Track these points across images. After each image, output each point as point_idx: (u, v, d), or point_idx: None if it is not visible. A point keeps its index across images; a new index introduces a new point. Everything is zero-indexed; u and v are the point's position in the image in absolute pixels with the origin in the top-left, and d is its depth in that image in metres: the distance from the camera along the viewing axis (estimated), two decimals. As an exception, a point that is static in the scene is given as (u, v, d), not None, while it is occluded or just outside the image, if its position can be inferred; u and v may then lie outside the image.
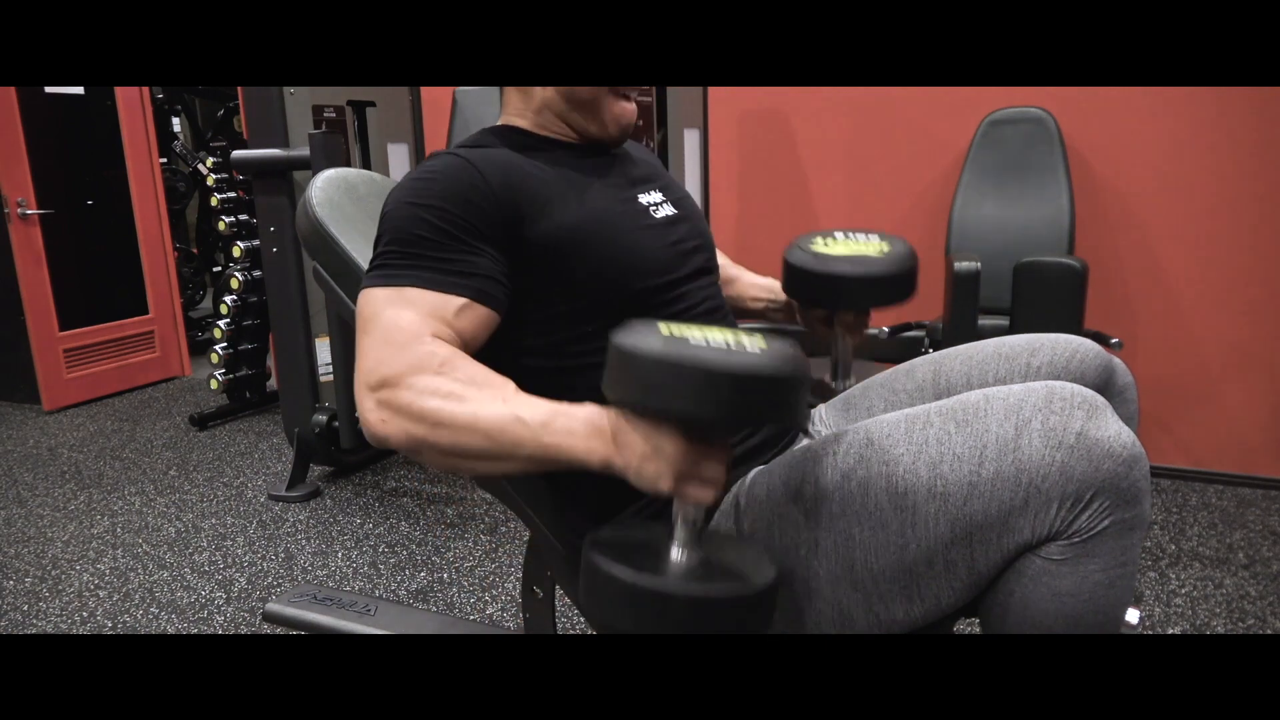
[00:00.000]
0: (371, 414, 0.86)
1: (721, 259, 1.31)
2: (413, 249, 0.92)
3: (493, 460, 0.84)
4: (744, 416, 0.80)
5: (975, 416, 0.85)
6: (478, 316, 0.92)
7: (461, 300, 0.91)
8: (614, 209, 1.02)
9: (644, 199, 1.08)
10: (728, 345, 0.75)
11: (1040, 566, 0.82)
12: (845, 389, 1.23)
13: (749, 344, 0.76)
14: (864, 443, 0.89)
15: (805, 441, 1.09)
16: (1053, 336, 1.06)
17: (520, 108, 1.08)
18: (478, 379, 0.86)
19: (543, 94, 1.05)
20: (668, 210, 1.09)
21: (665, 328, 0.79)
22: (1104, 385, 1.03)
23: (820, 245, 1.21)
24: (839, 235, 1.24)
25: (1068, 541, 0.81)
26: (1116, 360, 1.05)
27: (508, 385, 0.87)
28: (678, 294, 1.03)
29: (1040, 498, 0.80)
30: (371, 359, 0.87)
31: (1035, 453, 0.80)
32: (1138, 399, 1.07)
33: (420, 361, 0.85)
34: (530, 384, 0.89)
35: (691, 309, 1.04)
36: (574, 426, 0.82)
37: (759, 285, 1.35)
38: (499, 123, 1.10)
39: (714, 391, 0.73)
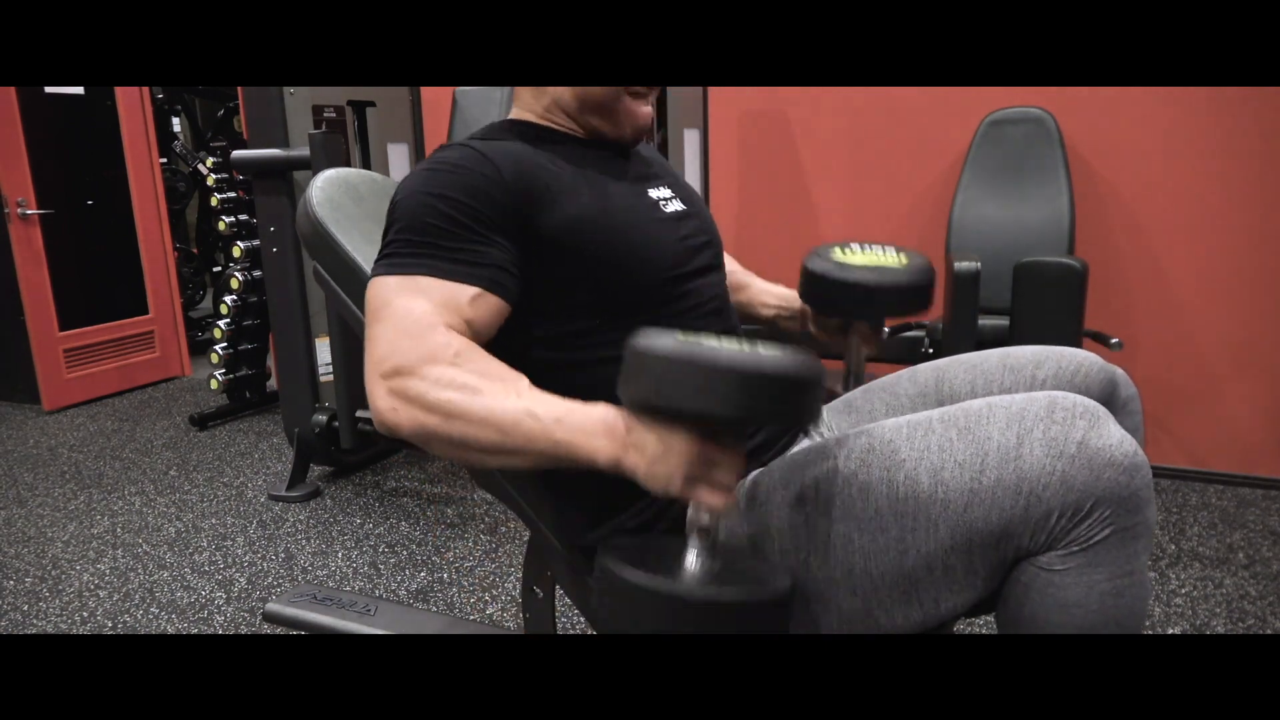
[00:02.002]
0: (382, 401, 0.85)
1: (731, 264, 1.30)
2: (425, 237, 0.91)
3: (504, 454, 0.84)
4: (758, 415, 0.78)
5: (977, 424, 0.84)
6: (489, 306, 0.92)
7: (474, 290, 0.90)
8: (625, 202, 1.02)
9: (653, 193, 1.07)
10: (742, 349, 0.75)
11: (1044, 578, 0.82)
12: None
13: (763, 348, 0.76)
14: (865, 447, 0.89)
15: (805, 443, 1.09)
16: (1058, 350, 1.06)
17: (530, 103, 1.07)
18: (492, 372, 0.86)
19: (555, 92, 1.04)
20: (677, 205, 1.08)
21: (682, 334, 0.79)
22: (1108, 398, 1.03)
23: (840, 255, 1.22)
24: (856, 246, 1.25)
25: (1065, 550, 0.81)
26: (1119, 372, 1.05)
27: (521, 380, 0.87)
28: (686, 289, 1.02)
29: (1040, 507, 0.80)
30: (384, 347, 0.87)
31: (1036, 462, 0.80)
32: (1142, 410, 1.07)
33: (434, 352, 0.85)
34: (538, 376, 0.89)
35: (699, 306, 1.03)
36: (587, 425, 0.81)
37: (771, 292, 1.34)
38: (509, 117, 1.09)
39: (727, 390, 0.73)
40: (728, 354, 0.73)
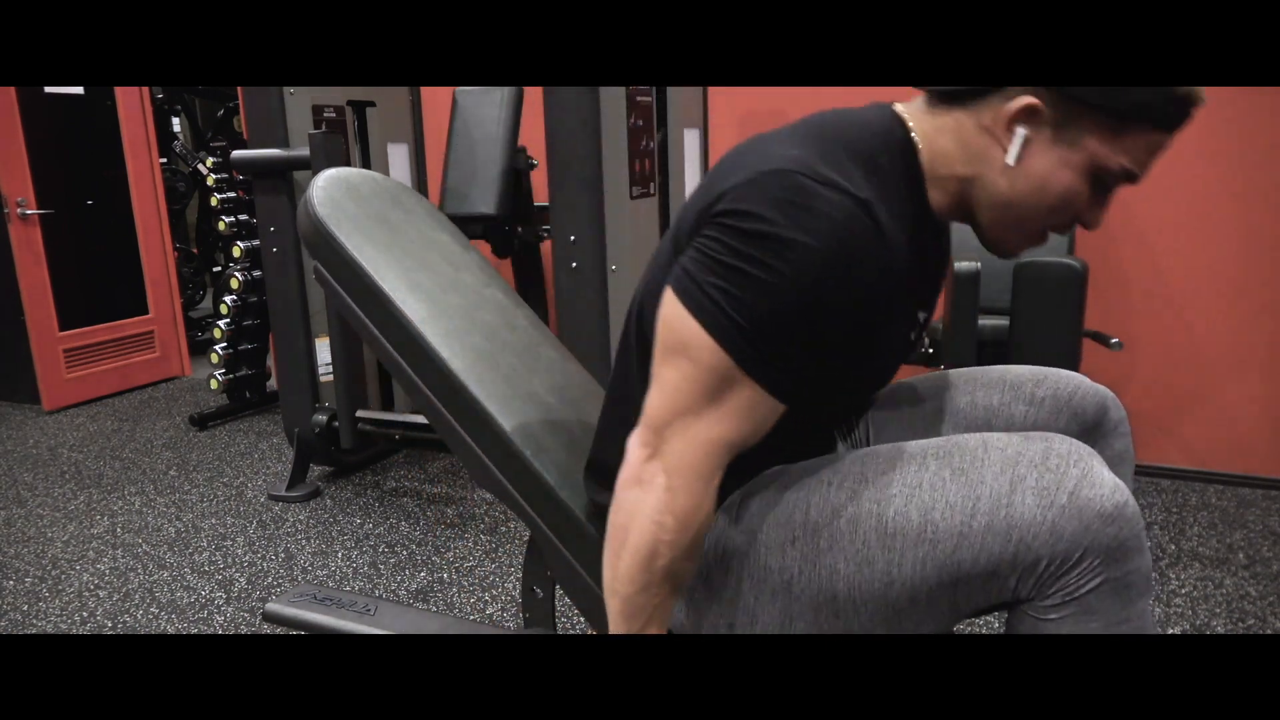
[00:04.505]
0: (633, 461, 0.85)
1: None
2: (785, 336, 0.80)
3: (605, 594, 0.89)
4: None
5: (972, 465, 0.85)
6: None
7: (783, 409, 0.85)
8: (901, 333, 0.94)
9: (921, 315, 0.98)
10: None
11: (1041, 628, 0.83)
12: None
13: None
14: (858, 478, 0.90)
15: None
16: (1057, 371, 1.09)
17: (942, 144, 0.89)
18: (679, 571, 0.86)
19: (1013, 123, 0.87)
20: (918, 330, 0.99)
21: None
22: (1100, 421, 1.06)
23: None
24: None
25: (1059, 599, 0.82)
26: (1111, 396, 1.08)
27: (673, 600, 0.88)
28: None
29: (1029, 554, 0.81)
30: (666, 420, 0.83)
31: (1028, 510, 0.81)
32: (1131, 434, 1.10)
33: (692, 509, 0.83)
34: None
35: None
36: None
37: None
38: (910, 138, 0.91)
39: None
40: None
